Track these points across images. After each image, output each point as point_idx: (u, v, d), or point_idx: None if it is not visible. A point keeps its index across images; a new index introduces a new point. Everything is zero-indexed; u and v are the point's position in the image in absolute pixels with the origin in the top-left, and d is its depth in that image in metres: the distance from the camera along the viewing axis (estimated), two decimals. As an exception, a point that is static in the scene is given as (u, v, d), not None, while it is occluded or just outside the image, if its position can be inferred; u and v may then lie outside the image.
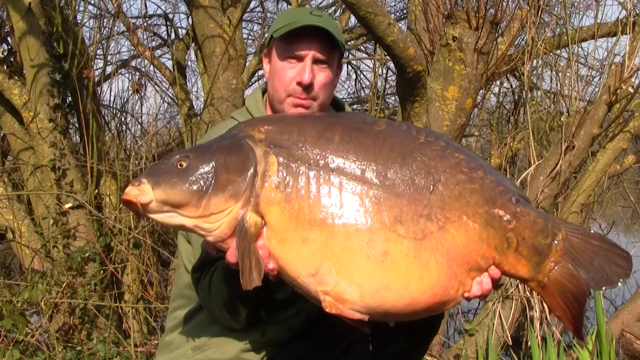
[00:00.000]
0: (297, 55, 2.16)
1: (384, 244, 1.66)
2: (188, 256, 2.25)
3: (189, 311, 2.30)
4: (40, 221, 4.84)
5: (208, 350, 2.20)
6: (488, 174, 1.78)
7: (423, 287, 1.67)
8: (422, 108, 4.07)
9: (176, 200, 1.70)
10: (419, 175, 1.73)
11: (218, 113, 5.10)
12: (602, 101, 4.75)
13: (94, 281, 4.69)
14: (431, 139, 1.80)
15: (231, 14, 5.24)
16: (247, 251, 1.69)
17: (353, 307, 1.68)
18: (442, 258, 1.69)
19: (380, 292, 1.66)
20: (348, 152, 1.74)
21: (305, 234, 1.67)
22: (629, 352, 3.99)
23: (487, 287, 1.76)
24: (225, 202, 1.70)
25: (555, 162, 4.70)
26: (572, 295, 1.80)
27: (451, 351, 4.63)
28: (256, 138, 1.77)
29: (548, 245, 1.79)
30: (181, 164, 1.73)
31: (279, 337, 2.19)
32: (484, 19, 4.00)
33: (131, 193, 1.69)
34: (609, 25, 6.17)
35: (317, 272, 1.67)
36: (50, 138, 4.80)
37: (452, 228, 1.71)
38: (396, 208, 1.69)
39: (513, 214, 1.76)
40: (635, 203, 6.62)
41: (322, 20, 2.15)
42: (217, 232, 1.73)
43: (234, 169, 1.72)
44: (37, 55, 4.77)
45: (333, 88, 2.27)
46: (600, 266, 1.80)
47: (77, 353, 4.43)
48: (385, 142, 1.77)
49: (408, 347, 2.19)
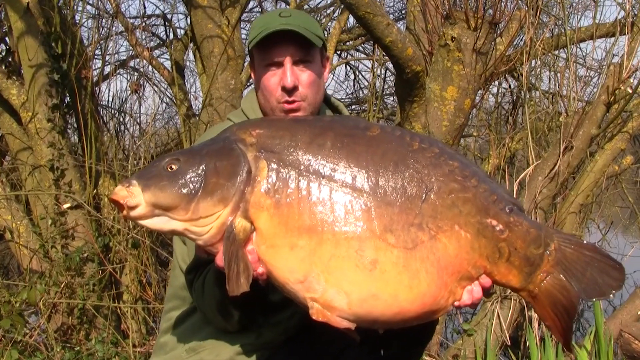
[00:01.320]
0: (275, 62, 2.14)
1: (373, 252, 1.65)
2: (183, 257, 2.24)
3: (183, 312, 2.29)
4: (39, 221, 4.84)
5: (202, 352, 2.19)
6: (482, 182, 1.76)
7: (412, 297, 1.66)
8: (421, 108, 4.07)
9: (165, 203, 1.69)
10: (411, 184, 1.70)
11: (217, 113, 5.10)
12: (600, 101, 4.75)
13: (92, 281, 4.69)
14: (425, 146, 1.77)
15: (230, 14, 5.24)
16: (234, 257, 1.68)
17: (341, 314, 1.67)
18: (433, 267, 1.67)
19: (369, 301, 1.65)
20: (339, 159, 1.72)
21: (294, 240, 1.66)
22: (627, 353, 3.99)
23: (478, 296, 1.75)
24: (214, 206, 1.69)
25: (554, 162, 4.70)
26: (562, 306, 1.79)
27: (450, 351, 4.63)
28: (247, 142, 1.76)
29: (540, 255, 1.77)
30: (171, 167, 1.73)
31: (274, 339, 2.18)
32: (483, 19, 4.01)
33: (120, 194, 1.69)
34: (607, 25, 6.18)
35: (305, 279, 1.66)
36: (49, 138, 4.79)
37: (444, 237, 1.69)
38: (387, 217, 1.67)
39: (506, 223, 1.75)
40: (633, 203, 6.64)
41: (292, 21, 2.12)
42: (206, 237, 1.73)
43: (224, 174, 1.71)
44: (35, 55, 4.76)
45: (322, 82, 2.25)
46: (592, 277, 1.78)
47: (75, 353, 4.43)
48: (378, 148, 1.74)
49: (402, 352, 2.19)
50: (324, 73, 2.28)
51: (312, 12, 7.94)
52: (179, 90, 6.00)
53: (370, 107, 6.49)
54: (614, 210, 7.60)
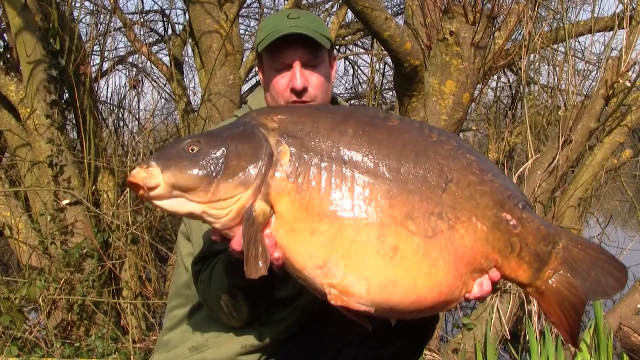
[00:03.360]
0: (285, 64, 2.15)
1: (394, 239, 1.65)
2: (187, 255, 2.24)
3: (186, 311, 2.29)
4: (38, 218, 4.84)
5: (205, 351, 2.19)
6: (497, 177, 1.79)
7: (430, 285, 1.67)
8: (420, 103, 4.07)
9: (185, 184, 1.68)
10: (432, 173, 1.72)
11: (215, 108, 5.10)
12: (599, 95, 4.75)
13: (91, 277, 4.69)
14: (443, 138, 1.79)
15: (228, 9, 5.23)
16: (253, 239, 1.67)
17: (359, 300, 1.67)
18: (450, 257, 1.68)
19: (388, 288, 1.65)
20: (361, 146, 1.72)
21: (315, 225, 1.66)
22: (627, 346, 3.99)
23: (487, 289, 1.77)
24: (235, 188, 1.69)
25: (553, 156, 4.70)
26: (570, 303, 1.81)
27: (449, 345, 4.64)
28: (269, 127, 1.76)
29: (549, 252, 1.80)
30: (192, 149, 1.72)
31: (276, 338, 2.18)
32: (481, 13, 4.00)
33: (138, 175, 1.67)
34: (606, 19, 6.18)
35: (324, 265, 1.66)
36: (47, 134, 4.79)
37: (462, 228, 1.71)
38: (408, 204, 1.68)
39: (519, 219, 1.77)
40: (632, 197, 6.64)
41: (301, 22, 2.12)
42: (224, 220, 1.71)
43: (246, 156, 1.70)
44: (33, 52, 4.76)
45: (330, 83, 2.26)
46: (597, 277, 1.81)
47: (75, 349, 4.44)
48: (399, 138, 1.76)
49: (402, 351, 2.19)
50: (332, 73, 2.29)
51: (311, 7, 7.93)
52: (177, 85, 5.99)
53: (369, 101, 6.49)
54: (613, 203, 7.61)
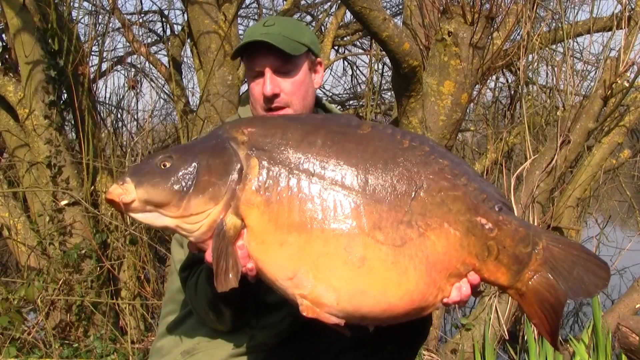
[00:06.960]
0: (258, 71, 2.21)
1: (361, 249, 1.66)
2: (180, 261, 2.25)
3: (179, 316, 2.31)
4: (36, 218, 4.83)
5: (197, 354, 2.21)
6: (472, 181, 1.77)
7: (401, 294, 1.67)
8: (418, 103, 4.07)
9: (157, 199, 1.71)
10: (401, 181, 1.71)
11: (214, 109, 5.10)
12: (597, 95, 4.75)
13: (90, 278, 4.69)
14: (415, 144, 1.77)
15: (226, 10, 5.23)
16: (223, 253, 1.69)
17: (330, 311, 1.68)
18: (421, 265, 1.68)
19: (357, 297, 1.66)
20: (329, 157, 1.73)
21: (284, 237, 1.67)
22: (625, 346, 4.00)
23: (467, 293, 1.76)
24: (205, 204, 1.71)
25: (551, 156, 4.70)
26: (550, 304, 1.80)
27: (448, 346, 4.64)
28: (239, 140, 1.77)
29: (528, 254, 1.78)
30: (164, 164, 1.75)
31: (267, 342, 2.20)
32: (479, 13, 4.01)
33: (114, 192, 1.71)
34: (604, 19, 6.19)
35: (294, 276, 1.67)
36: (46, 135, 4.79)
37: (433, 235, 1.70)
38: (376, 214, 1.68)
39: (495, 222, 1.75)
40: (631, 197, 6.65)
41: (273, 30, 2.17)
42: (197, 233, 1.74)
43: (216, 172, 1.73)
44: (31, 52, 4.76)
45: (310, 87, 2.28)
46: (579, 276, 1.80)
47: (73, 350, 4.43)
48: (368, 146, 1.75)
49: (395, 355, 2.20)
50: (315, 77, 2.30)
51: (310, 7, 7.93)
52: (176, 86, 6.00)
53: (367, 102, 6.49)
54: (611, 204, 7.62)
